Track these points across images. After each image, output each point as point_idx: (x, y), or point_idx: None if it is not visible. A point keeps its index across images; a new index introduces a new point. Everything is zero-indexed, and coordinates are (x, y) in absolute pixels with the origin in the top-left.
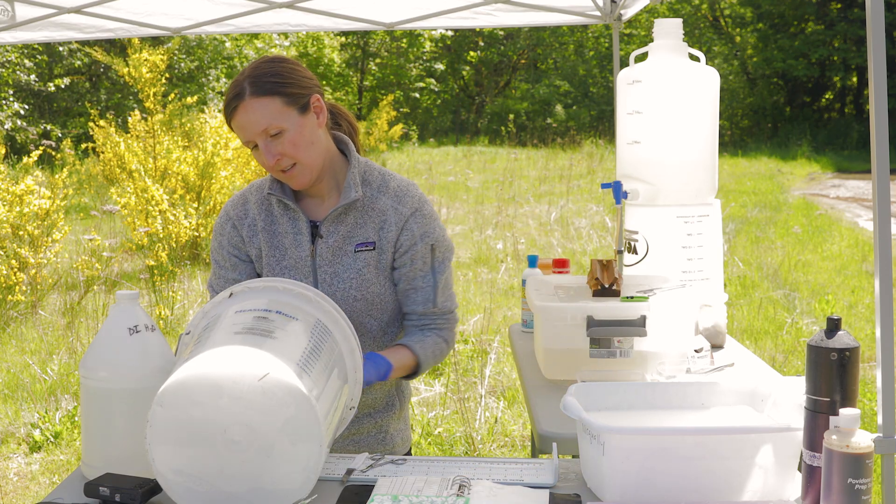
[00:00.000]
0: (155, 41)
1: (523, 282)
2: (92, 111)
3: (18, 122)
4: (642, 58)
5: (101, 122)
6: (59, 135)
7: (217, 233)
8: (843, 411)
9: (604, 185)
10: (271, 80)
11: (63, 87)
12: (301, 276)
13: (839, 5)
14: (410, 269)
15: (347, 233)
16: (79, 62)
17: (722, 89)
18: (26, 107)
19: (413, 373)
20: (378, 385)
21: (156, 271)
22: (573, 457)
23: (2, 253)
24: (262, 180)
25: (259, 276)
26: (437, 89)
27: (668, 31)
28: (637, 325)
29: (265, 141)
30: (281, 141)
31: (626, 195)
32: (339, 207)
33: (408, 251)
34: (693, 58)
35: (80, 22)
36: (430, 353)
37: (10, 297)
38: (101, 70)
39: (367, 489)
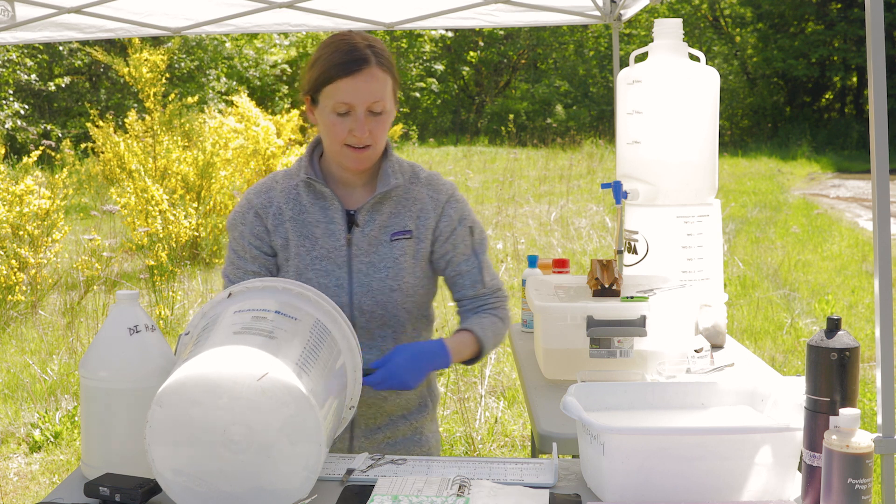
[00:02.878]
0: (155, 41)
1: (523, 282)
2: (91, 111)
3: (18, 121)
4: (642, 58)
5: (101, 123)
6: (59, 135)
7: (237, 222)
8: (843, 411)
9: (604, 185)
10: (390, 61)
11: (63, 86)
12: (334, 266)
13: (839, 5)
14: (454, 254)
15: (384, 222)
16: (79, 62)
17: (722, 89)
18: (26, 107)
19: (477, 356)
20: None
21: (156, 271)
22: (573, 457)
23: (2, 253)
24: (289, 170)
25: (278, 269)
26: (437, 89)
27: (668, 31)
28: (637, 325)
29: (365, 113)
30: (377, 120)
31: (626, 195)
32: (377, 195)
33: (449, 237)
34: (693, 58)
35: (80, 22)
36: (489, 333)
37: (10, 297)
38: (102, 70)
39: (367, 489)
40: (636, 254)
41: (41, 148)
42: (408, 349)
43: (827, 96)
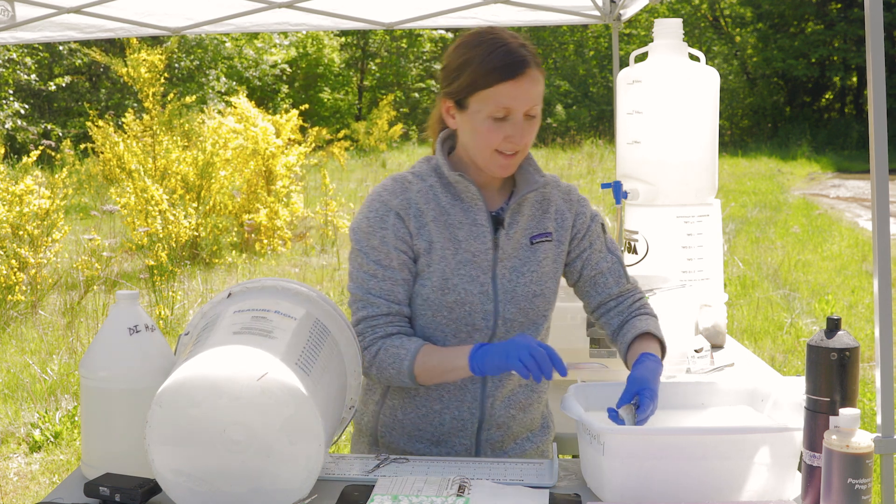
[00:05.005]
0: (153, 41)
1: None
2: (91, 111)
3: (18, 121)
4: (642, 58)
5: (100, 123)
6: (59, 134)
7: (376, 227)
8: (842, 411)
9: (604, 185)
10: (539, 61)
11: (63, 86)
12: (479, 271)
13: (839, 5)
14: (591, 251)
15: (525, 224)
16: (79, 62)
17: (722, 89)
18: (26, 106)
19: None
20: (536, 404)
21: (156, 271)
22: (573, 457)
23: (2, 253)
24: (417, 171)
25: (415, 275)
26: (437, 89)
27: (668, 31)
28: None
29: (522, 118)
30: (531, 124)
31: (626, 195)
32: (524, 193)
33: (585, 234)
34: (693, 58)
35: (80, 22)
36: (662, 334)
37: (10, 297)
38: (101, 70)
39: (367, 489)
40: (636, 254)
41: (41, 148)
42: (644, 368)
43: (827, 96)
